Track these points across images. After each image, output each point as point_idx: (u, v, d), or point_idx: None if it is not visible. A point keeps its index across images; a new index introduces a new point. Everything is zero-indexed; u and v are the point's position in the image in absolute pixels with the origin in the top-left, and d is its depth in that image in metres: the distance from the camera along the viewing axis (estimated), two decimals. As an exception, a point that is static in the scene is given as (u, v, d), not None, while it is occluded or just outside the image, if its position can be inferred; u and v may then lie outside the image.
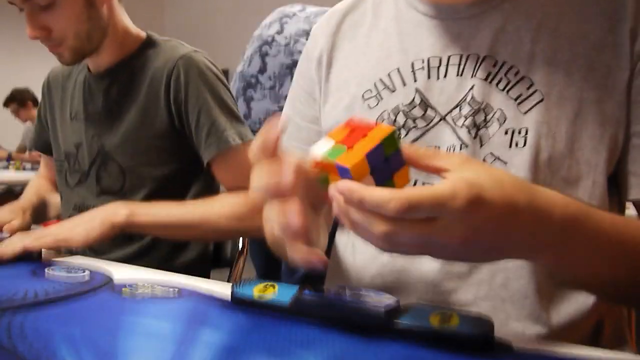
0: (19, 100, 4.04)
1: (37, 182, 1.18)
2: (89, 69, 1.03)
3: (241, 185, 0.94)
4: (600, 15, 0.57)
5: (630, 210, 0.63)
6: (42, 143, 1.15)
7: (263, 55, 1.72)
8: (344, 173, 0.39)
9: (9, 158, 3.94)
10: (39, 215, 1.08)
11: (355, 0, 0.73)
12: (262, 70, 1.71)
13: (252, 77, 1.72)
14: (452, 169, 0.40)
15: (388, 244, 0.39)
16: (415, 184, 0.62)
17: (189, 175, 1.01)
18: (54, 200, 1.13)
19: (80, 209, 1.01)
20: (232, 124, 0.95)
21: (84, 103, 1.02)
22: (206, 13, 5.96)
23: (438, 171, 0.41)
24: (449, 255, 0.41)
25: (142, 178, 0.97)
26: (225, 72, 1.12)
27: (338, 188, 0.38)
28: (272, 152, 0.42)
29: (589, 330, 0.62)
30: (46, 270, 0.63)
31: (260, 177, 0.42)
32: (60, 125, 1.07)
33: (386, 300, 0.46)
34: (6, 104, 4.09)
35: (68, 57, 0.94)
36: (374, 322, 0.44)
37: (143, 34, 1.03)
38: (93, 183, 1.00)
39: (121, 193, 0.98)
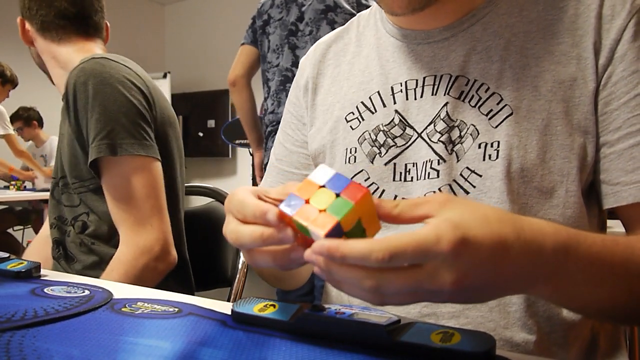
0: (24, 118, 4.06)
1: None
2: None
3: (121, 195, 0.93)
4: (565, 32, 0.60)
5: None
6: None
7: (300, 5, 1.82)
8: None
9: (17, 178, 3.95)
10: None
11: (340, 32, 0.79)
12: (300, 18, 1.81)
13: (292, 25, 1.82)
14: (435, 214, 0.39)
15: (378, 297, 0.38)
16: (395, 199, 0.64)
17: None
18: None
19: (64, 221, 1.05)
20: (101, 137, 0.91)
21: (60, 124, 1.09)
22: (207, 33, 6.03)
23: (421, 219, 0.40)
24: (443, 300, 0.40)
25: (94, 190, 0.99)
26: (225, 92, 1.15)
27: (315, 250, 0.37)
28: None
29: (584, 342, 0.63)
30: (45, 289, 0.63)
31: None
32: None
33: (387, 317, 0.46)
34: (11, 121, 4.11)
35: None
36: (375, 339, 0.44)
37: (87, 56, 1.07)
38: (61, 198, 1.05)
39: (76, 207, 1.02)
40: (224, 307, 0.56)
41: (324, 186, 0.41)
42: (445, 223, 0.37)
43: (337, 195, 0.40)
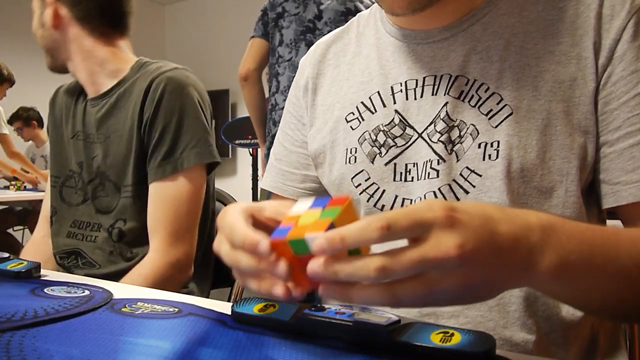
0: (24, 118, 4.06)
1: None
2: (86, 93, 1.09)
3: (171, 204, 0.95)
4: (564, 31, 0.60)
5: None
6: None
7: (317, 3, 1.80)
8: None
9: (15, 177, 3.95)
10: None
11: (340, 32, 0.79)
12: (318, 17, 1.79)
13: (309, 22, 1.80)
14: None
15: (389, 291, 0.37)
16: (395, 199, 0.64)
17: None
18: None
19: (86, 226, 1.04)
20: (192, 148, 0.96)
21: (83, 124, 1.07)
22: (207, 33, 6.03)
23: None
24: (453, 281, 0.39)
25: (135, 197, 0.99)
26: (225, 92, 1.15)
27: (315, 247, 0.37)
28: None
29: (584, 342, 0.63)
30: (45, 289, 0.63)
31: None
32: (66, 143, 1.10)
33: (387, 317, 0.46)
34: (11, 121, 4.11)
35: (45, 59, 1.08)
36: (375, 339, 0.44)
37: (134, 59, 1.08)
38: (90, 202, 1.03)
39: (114, 212, 1.00)
40: (224, 307, 0.56)
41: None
42: (434, 199, 0.38)
43: (323, 209, 0.41)
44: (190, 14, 6.18)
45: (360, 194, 0.67)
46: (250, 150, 4.19)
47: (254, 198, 3.93)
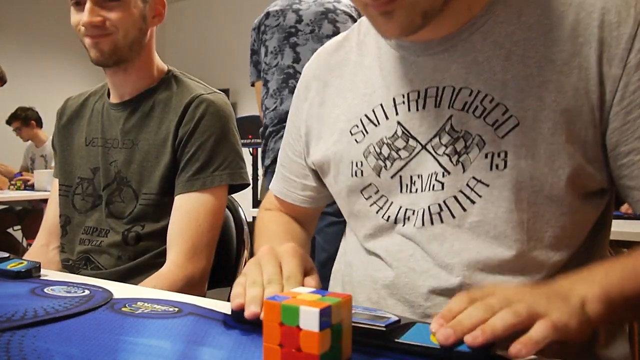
0: (22, 118, 4.06)
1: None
2: (108, 96, 1.08)
3: (194, 219, 0.96)
4: (565, 38, 0.59)
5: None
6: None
7: (296, 11, 1.86)
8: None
9: (20, 175, 3.95)
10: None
11: (341, 40, 0.78)
12: (299, 20, 1.85)
13: (291, 28, 1.85)
14: None
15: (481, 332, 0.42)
16: (399, 210, 0.65)
17: None
18: None
19: (92, 231, 1.03)
20: (224, 168, 0.99)
21: (102, 130, 1.06)
22: (207, 33, 6.03)
23: None
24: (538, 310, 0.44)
25: (153, 206, 0.99)
26: (226, 91, 1.15)
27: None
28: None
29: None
30: (45, 289, 0.63)
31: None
32: (76, 151, 1.10)
33: (387, 318, 0.46)
34: (9, 121, 4.11)
35: (106, 50, 0.98)
36: (375, 340, 0.44)
37: (165, 68, 1.09)
38: (103, 207, 1.03)
39: (129, 218, 1.00)
40: (224, 307, 0.56)
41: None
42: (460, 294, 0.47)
43: (322, 296, 0.41)
44: (190, 14, 6.18)
45: (370, 205, 0.68)
46: (250, 149, 4.19)
47: (254, 197, 3.93)
